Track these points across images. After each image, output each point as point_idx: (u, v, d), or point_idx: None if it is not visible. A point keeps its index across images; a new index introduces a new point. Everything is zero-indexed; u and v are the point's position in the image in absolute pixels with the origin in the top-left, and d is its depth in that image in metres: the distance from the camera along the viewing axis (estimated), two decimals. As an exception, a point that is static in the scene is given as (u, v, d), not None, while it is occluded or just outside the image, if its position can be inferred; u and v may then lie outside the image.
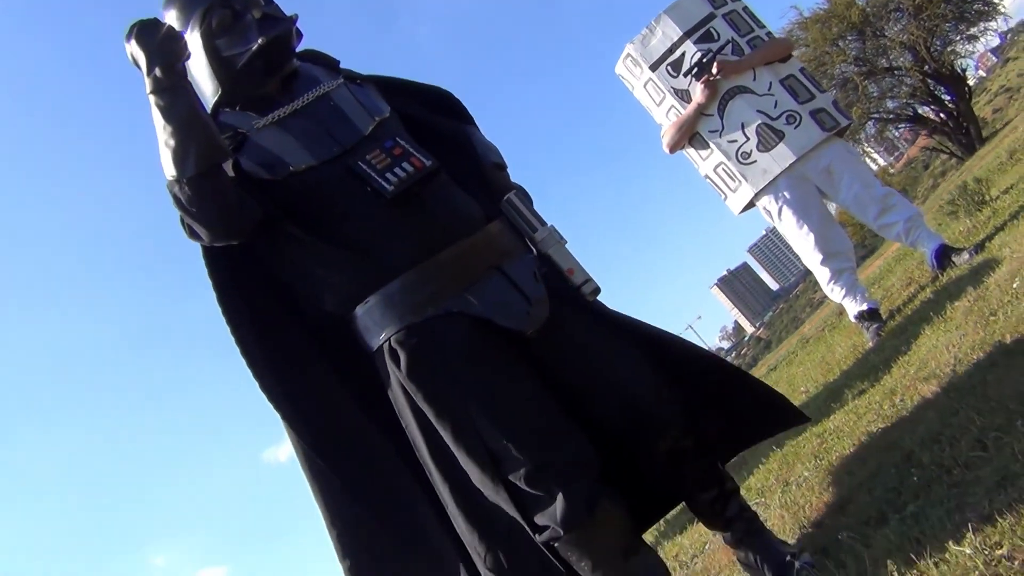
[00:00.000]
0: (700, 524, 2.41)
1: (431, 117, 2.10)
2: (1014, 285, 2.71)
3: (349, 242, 1.80)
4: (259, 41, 1.86)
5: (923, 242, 3.97)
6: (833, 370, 4.25)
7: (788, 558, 1.88)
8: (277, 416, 1.92)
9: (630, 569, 1.74)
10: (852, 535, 1.83)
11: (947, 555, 1.45)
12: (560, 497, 1.68)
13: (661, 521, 4.31)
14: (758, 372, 13.05)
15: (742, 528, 1.98)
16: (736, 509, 1.98)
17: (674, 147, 4.24)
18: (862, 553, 1.70)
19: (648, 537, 4.30)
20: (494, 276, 1.82)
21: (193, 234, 1.82)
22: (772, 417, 2.09)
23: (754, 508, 2.77)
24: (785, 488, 2.71)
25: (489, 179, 2.01)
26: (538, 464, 1.69)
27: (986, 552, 1.38)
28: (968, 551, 1.41)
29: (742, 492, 3.06)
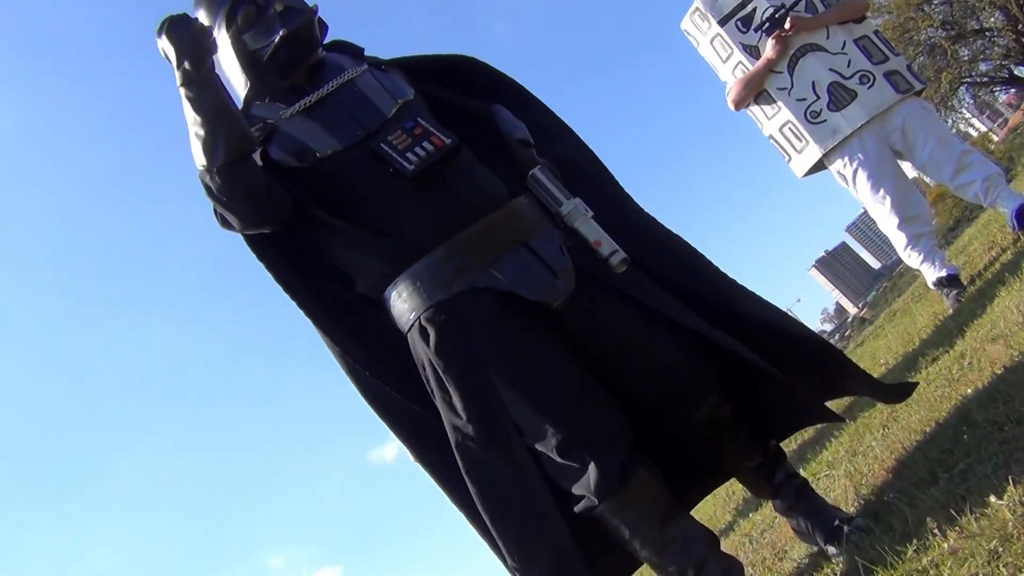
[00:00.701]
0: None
1: (456, 96, 2.11)
2: (1087, 239, 2.60)
3: (375, 223, 1.83)
4: (281, 32, 1.91)
5: (1003, 202, 3.76)
6: (913, 340, 4.13)
7: (837, 523, 1.86)
8: (375, 415, 1.96)
9: (666, 536, 1.73)
10: (899, 496, 1.79)
11: (987, 509, 1.42)
12: (593, 467, 1.69)
13: (740, 500, 4.28)
14: (848, 351, 12.67)
15: (791, 494, 1.95)
16: (783, 476, 1.95)
17: (740, 103, 4.11)
18: (907, 514, 1.66)
19: (726, 516, 4.26)
20: (519, 250, 1.81)
21: (225, 223, 1.87)
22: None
23: (822, 480, 2.72)
24: (852, 459, 2.67)
25: (515, 155, 2.00)
26: (569, 434, 1.70)
27: (1025, 504, 1.35)
28: (1006, 504, 1.38)
29: (814, 466, 3.02)
